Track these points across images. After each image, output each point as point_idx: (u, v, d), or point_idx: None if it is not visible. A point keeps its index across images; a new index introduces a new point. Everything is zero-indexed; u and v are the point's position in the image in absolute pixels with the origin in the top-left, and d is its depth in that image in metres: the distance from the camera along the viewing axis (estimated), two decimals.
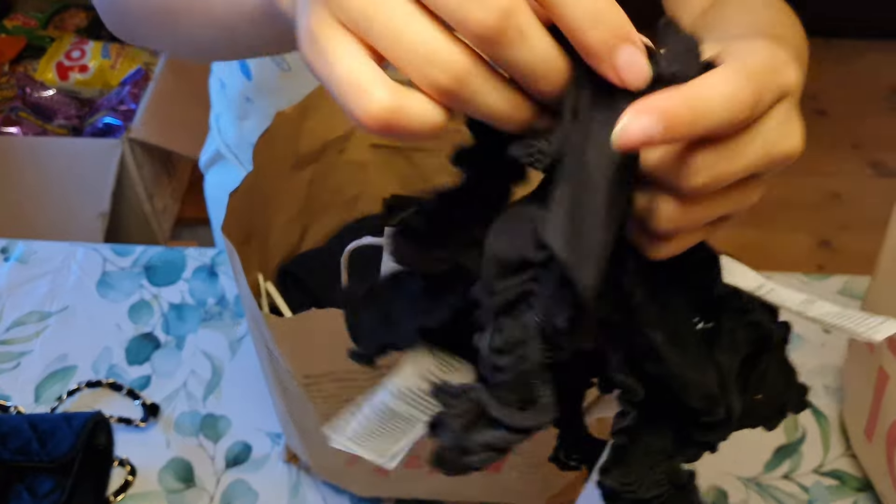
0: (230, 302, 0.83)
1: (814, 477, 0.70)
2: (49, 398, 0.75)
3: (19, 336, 0.80)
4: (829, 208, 2.00)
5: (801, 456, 0.71)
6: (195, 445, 0.72)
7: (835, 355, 0.77)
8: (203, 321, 0.81)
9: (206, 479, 0.70)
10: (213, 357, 0.78)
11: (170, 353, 0.79)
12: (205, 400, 0.75)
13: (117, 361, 0.78)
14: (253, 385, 0.75)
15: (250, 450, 0.72)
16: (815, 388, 0.75)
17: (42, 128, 1.54)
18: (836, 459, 0.71)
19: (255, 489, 0.69)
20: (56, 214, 1.34)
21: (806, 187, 2.04)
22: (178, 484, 0.70)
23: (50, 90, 1.60)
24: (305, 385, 0.54)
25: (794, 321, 0.82)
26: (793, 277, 0.83)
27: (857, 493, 0.69)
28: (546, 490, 0.64)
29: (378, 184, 0.73)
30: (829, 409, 0.74)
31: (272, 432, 0.73)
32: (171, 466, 0.71)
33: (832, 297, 0.82)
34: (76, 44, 1.67)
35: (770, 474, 0.70)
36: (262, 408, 0.74)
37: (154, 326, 0.81)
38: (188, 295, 0.83)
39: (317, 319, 0.50)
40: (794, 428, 0.73)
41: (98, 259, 0.86)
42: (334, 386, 0.54)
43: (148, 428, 0.73)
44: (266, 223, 0.64)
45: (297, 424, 0.60)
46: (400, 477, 0.62)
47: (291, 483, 0.70)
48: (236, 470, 0.71)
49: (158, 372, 0.77)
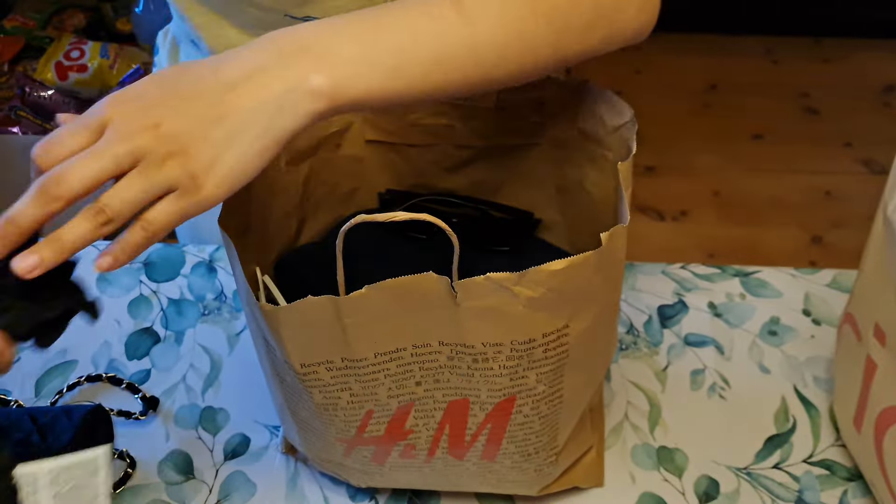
0: (228, 297, 0.83)
1: (804, 467, 0.71)
2: (49, 392, 0.76)
3: None
4: (821, 205, 2.01)
5: (792, 446, 0.72)
6: (194, 438, 0.73)
7: (824, 347, 0.78)
8: (202, 316, 0.82)
9: (206, 472, 0.71)
10: (211, 351, 0.79)
11: (169, 348, 0.80)
12: (203, 393, 0.76)
13: (117, 356, 0.79)
14: (251, 378, 0.76)
15: (249, 442, 0.73)
16: (805, 380, 0.77)
17: (42, 127, 1.55)
18: (826, 450, 0.72)
19: (253, 481, 0.70)
20: None
21: (798, 185, 2.06)
22: (178, 476, 0.71)
23: (49, 90, 1.61)
24: (302, 375, 0.55)
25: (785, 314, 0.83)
26: (784, 271, 0.84)
27: (846, 482, 0.70)
28: (539, 481, 0.65)
29: (373, 179, 0.74)
30: (818, 399, 0.75)
31: (270, 424, 0.74)
32: (170, 459, 0.72)
33: (822, 291, 0.83)
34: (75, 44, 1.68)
35: (761, 464, 0.71)
36: (261, 401, 0.75)
37: (153, 321, 0.82)
38: (187, 290, 0.84)
39: (312, 307, 0.51)
40: (785, 419, 0.74)
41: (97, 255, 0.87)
42: (330, 375, 0.54)
43: (147, 421, 0.74)
44: (263, 217, 0.65)
45: (295, 416, 0.61)
46: (395, 468, 0.63)
47: (289, 474, 0.71)
48: (235, 462, 0.72)
49: (158, 366, 0.78)
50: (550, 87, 0.65)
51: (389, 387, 0.55)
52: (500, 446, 0.59)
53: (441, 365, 0.54)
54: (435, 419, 0.58)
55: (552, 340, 0.53)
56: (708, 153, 2.13)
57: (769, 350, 0.79)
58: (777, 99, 2.27)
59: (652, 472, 0.71)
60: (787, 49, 2.40)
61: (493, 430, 0.58)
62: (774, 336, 0.80)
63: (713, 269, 0.85)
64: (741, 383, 0.76)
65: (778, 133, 2.19)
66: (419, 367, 0.54)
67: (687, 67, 2.34)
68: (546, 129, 0.68)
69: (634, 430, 0.73)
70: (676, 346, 0.79)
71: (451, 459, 0.61)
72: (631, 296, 0.83)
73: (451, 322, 0.51)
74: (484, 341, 0.52)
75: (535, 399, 0.56)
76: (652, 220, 1.98)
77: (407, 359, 0.54)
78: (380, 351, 0.53)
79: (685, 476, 0.70)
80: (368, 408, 0.57)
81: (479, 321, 0.51)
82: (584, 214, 0.69)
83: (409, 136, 0.70)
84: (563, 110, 0.66)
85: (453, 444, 0.60)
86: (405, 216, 0.48)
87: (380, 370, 0.54)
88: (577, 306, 0.53)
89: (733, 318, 0.81)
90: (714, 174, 2.09)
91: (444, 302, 0.50)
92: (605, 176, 0.65)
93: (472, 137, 0.70)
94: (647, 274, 0.84)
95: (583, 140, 0.66)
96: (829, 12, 2.38)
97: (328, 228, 0.74)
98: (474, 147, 0.71)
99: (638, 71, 2.33)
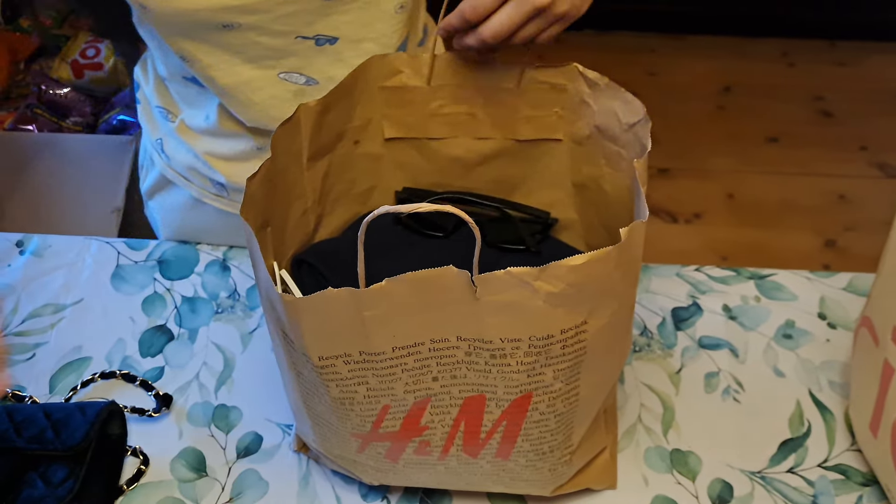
0: (242, 296, 0.84)
1: (819, 471, 0.71)
2: (63, 389, 0.76)
3: (35, 328, 0.81)
4: (835, 209, 2.00)
5: (807, 450, 0.72)
6: (207, 436, 0.73)
7: (840, 351, 0.78)
8: (215, 314, 0.82)
9: (218, 469, 0.71)
10: (224, 349, 0.79)
11: (182, 346, 0.80)
12: (216, 391, 0.76)
13: (131, 353, 0.79)
14: (264, 376, 0.77)
15: (261, 440, 0.73)
16: (820, 384, 0.76)
17: (57, 125, 1.55)
18: (842, 454, 0.72)
19: (265, 479, 0.70)
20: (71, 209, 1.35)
21: (812, 188, 2.05)
22: (190, 473, 0.71)
23: (65, 88, 1.61)
24: (320, 368, 0.55)
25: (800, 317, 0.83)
26: (799, 274, 0.84)
27: (862, 487, 0.69)
28: (553, 481, 0.65)
29: (390, 178, 0.74)
30: (834, 404, 0.75)
31: (283, 423, 0.74)
32: (183, 456, 0.72)
33: (838, 294, 0.82)
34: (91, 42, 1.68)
35: (775, 468, 0.71)
36: (273, 399, 0.75)
37: (167, 319, 0.82)
38: (201, 288, 0.84)
39: (332, 299, 0.51)
40: (800, 422, 0.73)
41: (112, 253, 0.87)
42: (348, 369, 0.54)
43: (161, 418, 0.74)
44: (282, 212, 0.65)
45: (310, 411, 0.61)
46: (409, 466, 0.63)
47: (301, 472, 0.71)
48: (247, 460, 0.72)
49: (171, 363, 0.78)
50: (572, 76, 0.65)
51: (406, 382, 0.55)
52: (515, 444, 0.59)
53: (459, 360, 0.54)
54: (451, 415, 0.58)
55: (570, 337, 0.53)
56: (722, 156, 2.12)
57: (784, 353, 0.78)
58: (792, 102, 2.25)
59: (665, 475, 0.70)
60: (801, 52, 2.39)
61: (508, 427, 0.58)
62: (789, 339, 0.79)
63: (728, 272, 0.84)
64: (756, 386, 0.76)
65: (792, 136, 2.18)
66: (437, 363, 0.54)
67: (701, 70, 2.33)
68: (566, 123, 0.68)
69: (648, 432, 0.73)
70: (690, 348, 0.79)
71: (465, 457, 0.61)
72: (645, 298, 0.82)
73: (470, 317, 0.51)
74: (502, 337, 0.52)
75: (552, 396, 0.56)
76: (665, 223, 1.97)
77: (425, 353, 0.54)
78: (398, 345, 0.53)
79: (698, 479, 0.70)
80: (385, 403, 0.57)
81: (498, 316, 0.51)
82: (601, 213, 0.69)
83: (429, 129, 0.70)
84: (581, 104, 0.66)
85: (468, 441, 0.60)
86: (429, 207, 0.48)
87: (397, 364, 0.54)
88: (595, 302, 0.52)
89: (748, 320, 0.81)
90: (728, 177, 2.08)
91: (463, 296, 0.50)
92: (621, 175, 0.64)
93: (492, 128, 0.70)
94: (661, 276, 0.84)
95: (600, 137, 0.66)
96: (845, 15, 2.37)
97: (345, 226, 0.74)
98: (493, 139, 0.71)
99: (652, 73, 2.32)
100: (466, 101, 0.69)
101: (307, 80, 0.74)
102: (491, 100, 0.68)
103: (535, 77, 0.67)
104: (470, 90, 0.68)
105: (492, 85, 0.68)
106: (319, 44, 0.72)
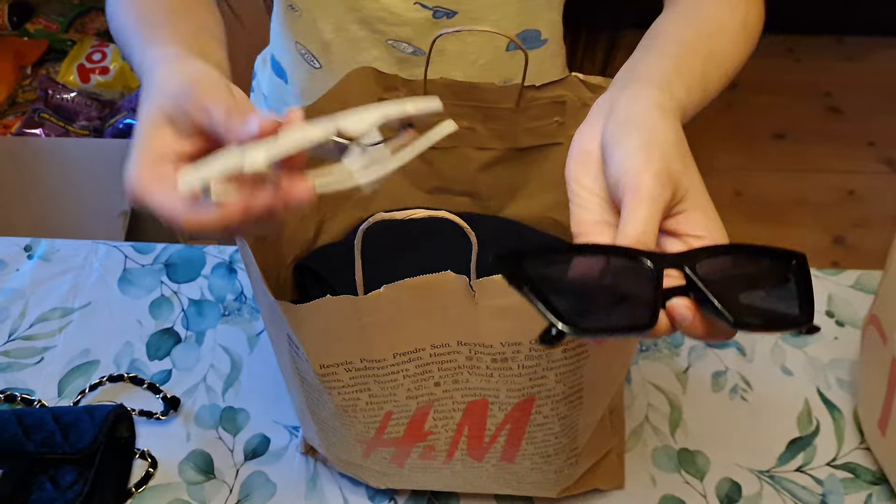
0: (248, 298, 0.84)
1: (828, 470, 0.70)
2: (72, 392, 0.77)
3: (43, 332, 0.81)
4: (843, 205, 1.99)
5: (815, 449, 0.71)
6: (214, 438, 0.73)
7: (848, 349, 0.78)
8: (222, 317, 0.82)
9: (226, 471, 0.71)
10: (232, 352, 0.80)
11: (190, 348, 0.80)
12: (224, 393, 0.76)
13: (138, 356, 0.80)
14: (271, 379, 0.77)
15: (269, 442, 0.73)
16: (828, 382, 0.76)
17: (64, 129, 1.56)
18: (850, 452, 0.71)
19: (273, 481, 0.71)
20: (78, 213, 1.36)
21: (820, 185, 2.04)
22: (199, 476, 0.71)
23: (72, 92, 1.62)
24: (322, 376, 0.55)
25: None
26: None
27: (871, 486, 0.69)
28: (559, 482, 0.65)
29: (392, 183, 0.74)
30: (842, 402, 0.74)
31: (290, 425, 0.74)
32: (191, 459, 0.72)
33: (845, 292, 0.82)
34: (97, 46, 1.69)
35: (783, 467, 0.70)
36: (280, 401, 0.75)
37: (174, 322, 0.82)
38: (207, 291, 0.85)
39: (331, 307, 0.51)
40: (808, 421, 0.73)
41: (119, 256, 0.88)
42: (349, 376, 0.54)
43: (168, 421, 0.74)
44: None
45: (315, 416, 0.61)
46: (414, 470, 0.63)
47: (309, 475, 0.71)
48: (255, 462, 0.72)
49: (179, 366, 0.79)
50: (573, 85, 0.65)
51: (408, 387, 0.55)
52: (520, 447, 0.59)
53: (460, 365, 0.54)
54: (454, 420, 0.58)
55: (572, 340, 0.53)
56: (729, 152, 2.11)
57: (792, 352, 0.78)
58: (799, 98, 2.25)
59: (673, 475, 0.70)
60: (809, 48, 2.38)
61: (512, 431, 0.58)
62: (797, 337, 0.79)
63: None
64: (763, 385, 0.76)
65: (800, 132, 2.17)
66: (438, 368, 0.54)
67: None
68: (567, 129, 0.68)
69: (655, 432, 0.73)
70: (697, 347, 0.78)
71: (470, 461, 0.61)
72: None
73: (469, 321, 0.51)
74: (503, 341, 0.52)
75: (555, 400, 0.56)
76: None
77: (426, 359, 0.54)
78: (398, 351, 0.53)
79: (707, 479, 0.70)
80: (388, 409, 0.57)
81: (497, 320, 0.51)
82: None
83: None
84: (583, 109, 0.66)
85: (472, 445, 0.60)
86: (425, 213, 0.48)
87: (398, 371, 0.54)
88: None
89: None
90: (736, 173, 2.07)
91: (462, 301, 0.50)
92: None
93: (492, 139, 0.70)
94: None
95: None
96: (852, 11, 2.36)
97: (346, 231, 0.74)
98: (494, 149, 0.71)
99: None
100: (466, 117, 0.69)
101: (415, 51, 0.75)
102: (490, 116, 0.68)
103: (535, 95, 0.67)
104: (468, 108, 0.68)
105: (489, 106, 0.68)
106: (437, 16, 0.72)
